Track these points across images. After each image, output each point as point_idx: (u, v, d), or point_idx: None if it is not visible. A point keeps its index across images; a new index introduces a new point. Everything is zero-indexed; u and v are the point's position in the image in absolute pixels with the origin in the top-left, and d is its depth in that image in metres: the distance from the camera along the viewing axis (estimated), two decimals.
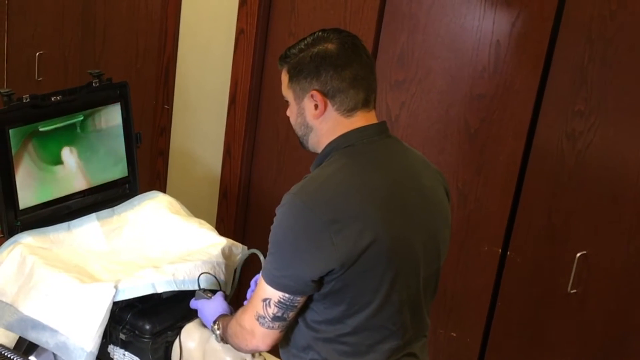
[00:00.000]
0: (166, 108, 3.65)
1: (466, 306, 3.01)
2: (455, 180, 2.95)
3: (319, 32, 1.99)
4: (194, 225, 2.57)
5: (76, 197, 2.56)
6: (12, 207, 2.41)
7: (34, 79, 4.07)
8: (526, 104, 2.78)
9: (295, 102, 1.99)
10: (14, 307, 2.28)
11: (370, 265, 1.87)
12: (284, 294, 1.88)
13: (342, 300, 1.90)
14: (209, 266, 2.35)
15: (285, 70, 2.00)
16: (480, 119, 2.87)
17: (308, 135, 2.00)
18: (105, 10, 3.81)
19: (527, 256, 2.86)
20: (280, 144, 3.36)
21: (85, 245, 2.49)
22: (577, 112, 2.69)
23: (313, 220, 1.84)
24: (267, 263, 1.91)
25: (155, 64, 3.66)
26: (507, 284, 2.92)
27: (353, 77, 1.93)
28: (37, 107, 2.45)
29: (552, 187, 2.78)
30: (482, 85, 2.85)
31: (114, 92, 2.64)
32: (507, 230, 2.89)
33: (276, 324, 1.93)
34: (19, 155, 2.40)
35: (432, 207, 2.03)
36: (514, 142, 2.82)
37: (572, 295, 2.79)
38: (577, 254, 2.75)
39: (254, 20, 3.26)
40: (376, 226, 1.86)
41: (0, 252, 2.38)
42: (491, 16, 2.79)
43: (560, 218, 2.78)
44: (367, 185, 1.90)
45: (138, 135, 2.70)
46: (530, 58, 2.75)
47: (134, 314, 2.29)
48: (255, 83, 3.34)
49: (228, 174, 3.48)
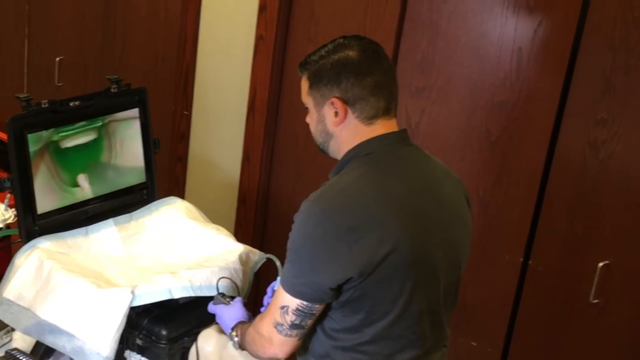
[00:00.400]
0: (185, 114, 3.64)
1: (487, 315, 2.99)
2: (476, 189, 2.93)
3: (339, 38, 1.98)
4: (211, 231, 2.56)
5: (94, 203, 2.56)
6: (30, 211, 2.40)
7: (54, 84, 4.09)
8: (548, 111, 2.76)
9: (315, 109, 1.98)
10: (32, 311, 2.27)
11: (389, 274, 1.85)
12: (302, 301, 1.87)
13: (361, 309, 1.88)
14: (226, 272, 2.34)
15: (305, 77, 1.99)
16: (502, 127, 2.85)
17: (328, 142, 1.99)
18: (125, 15, 3.82)
19: (549, 265, 2.83)
20: (299, 151, 3.34)
21: (103, 250, 2.48)
22: (600, 120, 2.66)
23: (331, 228, 1.83)
24: (285, 270, 1.90)
25: (174, 70, 3.66)
26: (529, 293, 2.89)
27: (374, 84, 1.92)
28: (56, 112, 2.44)
29: (574, 195, 2.75)
30: (503, 92, 2.83)
31: (132, 98, 2.63)
32: (529, 239, 2.87)
33: (294, 331, 1.91)
34: (37, 160, 2.39)
35: (453, 215, 2.01)
36: (535, 150, 2.80)
37: (594, 305, 2.76)
38: (600, 264, 2.72)
39: (273, 27, 3.26)
40: (395, 235, 1.84)
41: (18, 257, 2.38)
42: (513, 23, 2.77)
43: (582, 227, 2.75)
44: (387, 194, 1.88)
45: (156, 141, 2.69)
46: (552, 65, 2.73)
47: (150, 320, 2.27)
48: (274, 89, 3.34)
49: (247, 180, 3.47)
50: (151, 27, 3.74)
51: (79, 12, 3.99)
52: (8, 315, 2.32)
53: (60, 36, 4.10)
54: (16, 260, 2.37)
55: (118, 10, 3.83)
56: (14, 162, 2.35)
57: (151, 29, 3.74)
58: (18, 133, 2.35)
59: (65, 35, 4.08)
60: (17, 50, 4.27)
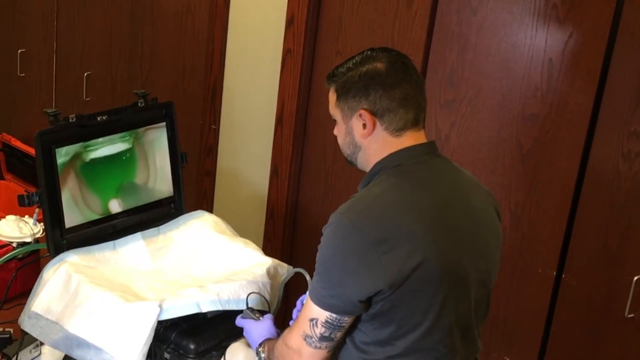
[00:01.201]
0: (213, 128, 3.64)
1: (520, 330, 2.95)
2: (508, 202, 2.90)
3: (367, 51, 1.97)
4: (239, 244, 2.55)
5: (121, 217, 2.56)
6: (58, 225, 2.41)
7: (82, 99, 4.11)
8: (580, 124, 2.72)
9: (343, 121, 1.97)
10: (60, 325, 2.27)
11: (419, 286, 1.83)
12: (331, 314, 1.86)
13: (391, 321, 1.86)
14: (254, 286, 2.33)
15: (333, 89, 1.98)
16: (533, 139, 2.82)
17: (357, 154, 1.98)
18: (153, 30, 3.83)
19: (582, 279, 2.79)
20: (328, 164, 3.33)
21: (131, 264, 2.48)
22: (634, 132, 2.63)
23: (361, 240, 1.81)
24: (315, 282, 1.89)
25: (202, 84, 3.67)
26: (562, 307, 2.85)
27: (403, 96, 1.91)
28: (84, 126, 2.45)
29: (607, 208, 2.71)
30: (534, 104, 2.80)
31: (159, 112, 2.64)
32: (562, 253, 2.83)
33: (323, 344, 1.90)
34: (65, 174, 2.40)
35: (483, 228, 1.99)
36: (568, 163, 2.76)
37: (629, 320, 2.72)
38: (635, 278, 2.67)
39: (301, 40, 3.26)
40: (425, 247, 1.83)
41: (47, 271, 2.38)
42: (543, 34, 2.74)
43: (616, 240, 2.71)
44: (416, 205, 1.87)
45: (184, 155, 2.69)
46: (584, 77, 2.69)
47: (178, 333, 2.27)
48: (302, 102, 3.33)
49: (275, 194, 3.46)
50: (178, 41, 3.75)
51: (107, 27, 4.01)
52: (37, 329, 2.32)
53: (88, 51, 4.13)
54: (44, 274, 2.38)
55: (145, 25, 3.85)
56: (42, 177, 2.36)
57: (178, 43, 3.75)
58: (46, 148, 2.36)
59: (92, 50, 4.11)
60: (45, 66, 4.31)
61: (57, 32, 4.23)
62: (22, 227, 2.71)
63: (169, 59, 3.80)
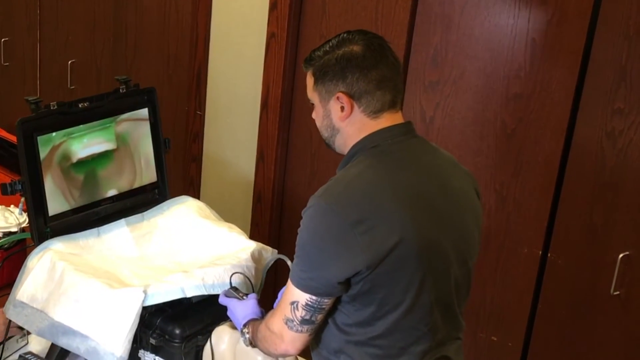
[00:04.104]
0: (198, 114, 3.63)
1: (507, 309, 2.96)
2: (493, 182, 2.90)
3: (344, 33, 1.97)
4: (223, 229, 2.55)
5: (105, 203, 2.55)
6: (41, 213, 2.40)
7: (66, 87, 4.10)
8: (564, 103, 2.72)
9: (321, 105, 1.98)
10: (45, 313, 2.27)
11: (398, 265, 1.83)
12: (311, 296, 1.86)
13: (372, 302, 1.87)
14: (238, 270, 2.34)
15: (310, 73, 1.99)
16: (518, 119, 2.82)
17: (334, 137, 1.99)
18: (136, 17, 3.82)
19: (568, 258, 2.80)
20: (314, 148, 3.33)
21: (115, 250, 2.48)
22: (617, 110, 2.63)
23: (338, 222, 1.82)
24: (294, 265, 1.89)
25: (186, 70, 3.66)
26: (548, 286, 2.86)
27: (380, 78, 1.91)
28: (65, 114, 2.44)
29: (592, 186, 2.72)
30: (518, 84, 2.80)
31: (141, 98, 2.63)
32: (548, 232, 2.83)
33: (305, 327, 1.91)
34: (47, 162, 2.39)
35: (462, 207, 1.99)
36: (552, 142, 2.77)
37: (615, 297, 2.73)
38: (620, 255, 2.68)
39: (285, 24, 3.25)
40: (403, 226, 1.83)
41: (31, 259, 2.38)
42: (526, 14, 2.74)
43: (601, 218, 2.72)
44: (393, 186, 1.87)
45: (167, 141, 2.69)
46: (567, 56, 2.70)
47: (164, 319, 2.27)
48: (287, 87, 3.33)
49: (262, 179, 3.46)
50: (162, 28, 3.73)
51: (90, 15, 4.00)
52: (22, 317, 2.32)
53: (72, 39, 4.11)
54: (29, 262, 2.37)
55: (129, 12, 3.84)
56: (24, 165, 2.35)
57: (162, 30, 3.74)
58: (28, 135, 2.35)
59: (76, 38, 4.09)
60: (29, 54, 4.29)
61: (40, 20, 4.21)
62: (7, 217, 2.70)
63: (153, 45, 3.79)
